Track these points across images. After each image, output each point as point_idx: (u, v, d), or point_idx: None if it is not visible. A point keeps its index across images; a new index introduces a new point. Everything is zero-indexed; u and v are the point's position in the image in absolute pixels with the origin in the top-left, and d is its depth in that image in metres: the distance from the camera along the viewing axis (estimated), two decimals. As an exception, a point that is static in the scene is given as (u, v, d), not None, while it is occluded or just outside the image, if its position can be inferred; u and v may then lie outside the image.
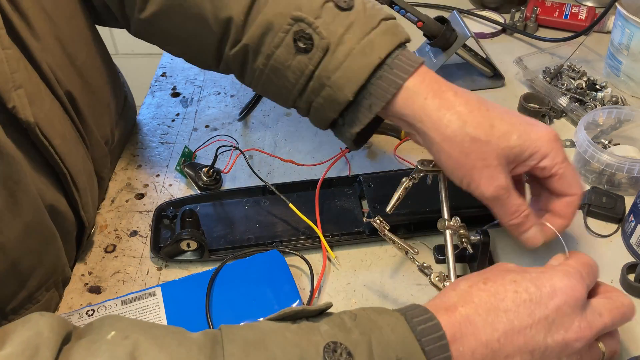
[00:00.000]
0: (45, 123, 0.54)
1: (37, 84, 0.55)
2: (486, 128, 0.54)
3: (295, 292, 0.57)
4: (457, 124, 0.54)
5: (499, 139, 0.54)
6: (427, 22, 0.82)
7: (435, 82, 0.56)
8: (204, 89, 0.91)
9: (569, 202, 0.58)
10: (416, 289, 0.63)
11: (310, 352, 0.41)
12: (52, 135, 0.55)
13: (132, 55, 1.71)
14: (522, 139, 0.55)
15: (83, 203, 0.62)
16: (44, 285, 0.58)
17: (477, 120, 0.54)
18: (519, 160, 0.56)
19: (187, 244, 0.64)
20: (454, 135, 0.54)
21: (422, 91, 0.55)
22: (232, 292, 0.58)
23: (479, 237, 0.59)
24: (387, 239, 0.58)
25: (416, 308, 0.46)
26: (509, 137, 0.54)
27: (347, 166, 0.77)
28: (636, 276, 0.62)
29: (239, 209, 0.70)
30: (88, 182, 0.64)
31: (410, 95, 0.55)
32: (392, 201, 0.60)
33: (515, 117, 0.56)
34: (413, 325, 0.44)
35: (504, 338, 0.45)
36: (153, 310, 0.56)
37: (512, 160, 0.55)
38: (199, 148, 0.78)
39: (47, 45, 0.57)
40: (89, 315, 0.56)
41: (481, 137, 0.54)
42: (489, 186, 0.55)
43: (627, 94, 0.87)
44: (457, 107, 0.54)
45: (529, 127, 0.55)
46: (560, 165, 0.56)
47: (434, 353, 0.43)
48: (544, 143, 0.55)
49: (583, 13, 1.00)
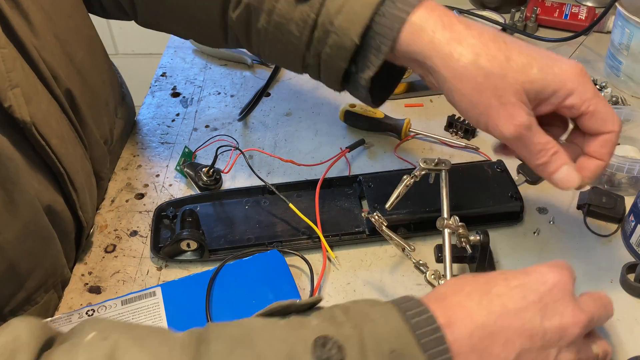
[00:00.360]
0: (42, 123, 0.54)
1: (34, 84, 0.55)
2: (502, 61, 0.49)
3: (295, 292, 0.57)
4: (469, 57, 0.49)
5: (517, 72, 0.49)
6: (427, 22, 0.82)
7: (445, 14, 0.52)
8: (204, 89, 0.91)
9: (605, 140, 0.52)
10: (416, 288, 0.63)
11: (298, 347, 0.40)
12: (49, 135, 0.55)
13: (132, 55, 1.71)
14: (543, 72, 0.49)
15: (81, 203, 0.62)
16: (42, 287, 0.58)
17: (491, 53, 0.49)
18: (541, 98, 0.50)
19: (187, 244, 0.64)
20: (466, 70, 0.50)
21: (429, 25, 0.51)
22: (232, 292, 0.58)
23: (478, 237, 0.59)
24: (385, 235, 0.58)
25: (410, 300, 0.45)
26: (529, 71, 0.49)
27: (347, 166, 0.77)
28: (636, 276, 0.62)
29: (239, 209, 0.70)
30: (86, 182, 0.64)
31: (417, 30, 0.51)
32: (392, 198, 0.60)
33: (536, 51, 0.51)
34: (407, 318, 0.42)
35: (501, 320, 0.44)
36: (153, 310, 0.56)
37: (533, 97, 0.50)
38: (199, 148, 0.78)
39: (46, 43, 0.57)
40: (89, 315, 0.56)
41: (496, 70, 0.49)
42: (509, 125, 0.50)
43: (627, 94, 0.87)
44: (469, 40, 0.50)
45: (551, 61, 0.50)
46: (590, 102, 0.50)
47: (430, 346, 0.41)
48: (569, 77, 0.49)
49: (583, 13, 1.00)
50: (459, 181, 0.69)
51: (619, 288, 0.63)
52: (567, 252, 0.66)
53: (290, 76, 0.92)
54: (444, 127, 0.82)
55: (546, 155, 0.51)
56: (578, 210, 0.71)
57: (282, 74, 0.93)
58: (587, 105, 0.50)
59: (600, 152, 0.52)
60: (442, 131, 0.82)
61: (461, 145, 0.79)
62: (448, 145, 0.79)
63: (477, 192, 0.68)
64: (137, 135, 0.83)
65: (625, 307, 0.61)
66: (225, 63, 0.96)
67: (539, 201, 0.72)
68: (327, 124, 0.84)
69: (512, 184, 0.69)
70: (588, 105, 0.50)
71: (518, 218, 0.68)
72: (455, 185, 0.63)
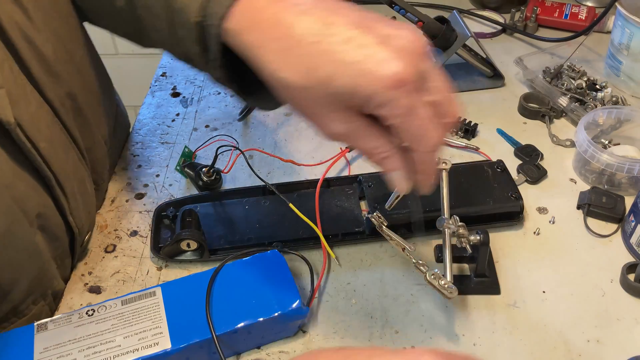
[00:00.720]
0: (29, 125, 0.53)
1: (23, 86, 0.54)
2: (303, 72, 0.43)
3: (295, 292, 0.57)
4: (270, 68, 0.45)
5: (321, 83, 0.43)
6: (427, 22, 0.82)
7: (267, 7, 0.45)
8: (204, 88, 0.91)
9: (418, 157, 0.47)
10: (416, 288, 0.63)
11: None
12: (37, 138, 0.54)
13: (132, 55, 1.71)
14: (351, 82, 0.42)
15: (72, 209, 0.61)
16: (29, 298, 0.57)
17: (294, 61, 0.44)
18: (354, 104, 0.44)
19: (187, 244, 0.64)
20: (272, 80, 0.45)
21: (249, 22, 0.46)
22: (232, 292, 0.58)
23: (478, 237, 0.59)
24: (385, 234, 0.58)
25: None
26: (333, 81, 0.43)
27: (347, 166, 0.77)
28: (636, 276, 0.62)
29: (239, 209, 0.70)
30: (79, 188, 0.63)
31: (241, 26, 0.46)
32: (392, 198, 0.60)
33: (362, 47, 0.42)
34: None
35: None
36: (153, 310, 0.56)
37: (348, 104, 0.44)
38: (199, 148, 0.78)
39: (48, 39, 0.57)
40: (89, 315, 0.56)
41: (298, 83, 0.44)
42: (327, 133, 0.47)
43: (627, 94, 0.87)
44: (278, 43, 0.44)
45: (368, 65, 0.42)
46: (402, 119, 0.43)
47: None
48: (378, 90, 0.42)
49: (583, 13, 1.00)
50: (459, 181, 0.69)
51: (619, 288, 0.63)
52: (567, 252, 0.66)
53: (290, 76, 0.92)
54: (444, 127, 0.82)
55: (376, 158, 0.47)
56: (578, 210, 0.71)
57: (282, 74, 0.93)
58: (397, 121, 0.44)
59: (420, 167, 0.48)
60: (442, 131, 0.82)
61: (461, 145, 0.79)
62: (448, 145, 0.79)
63: (477, 192, 0.68)
64: (137, 135, 0.83)
65: (625, 307, 0.61)
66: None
67: (539, 201, 0.72)
68: (327, 124, 0.84)
69: (512, 184, 0.69)
70: (399, 122, 0.44)
71: (518, 218, 0.68)
72: (455, 185, 0.63)
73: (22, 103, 0.53)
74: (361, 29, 0.43)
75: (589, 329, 0.59)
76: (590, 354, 0.57)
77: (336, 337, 0.59)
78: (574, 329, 0.59)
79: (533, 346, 0.58)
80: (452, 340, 0.58)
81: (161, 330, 0.54)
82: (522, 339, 0.58)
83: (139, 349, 0.53)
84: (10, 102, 0.51)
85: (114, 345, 0.53)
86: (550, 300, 0.62)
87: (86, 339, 0.53)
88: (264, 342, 0.58)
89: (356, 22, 0.43)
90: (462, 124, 0.80)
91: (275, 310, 0.55)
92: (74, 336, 0.54)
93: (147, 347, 0.53)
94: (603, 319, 0.60)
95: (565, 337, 0.59)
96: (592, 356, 0.57)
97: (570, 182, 0.75)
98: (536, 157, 0.76)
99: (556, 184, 0.74)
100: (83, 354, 0.52)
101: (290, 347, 0.58)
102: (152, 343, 0.53)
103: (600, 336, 0.59)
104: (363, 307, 0.61)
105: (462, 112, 0.84)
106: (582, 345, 0.58)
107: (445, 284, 0.55)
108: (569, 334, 0.59)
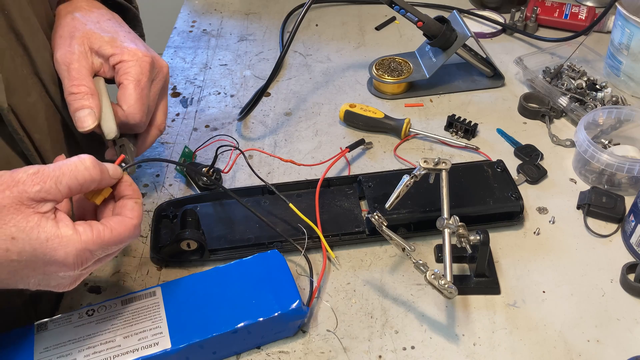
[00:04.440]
0: (24, 114, 0.54)
1: (24, 76, 0.55)
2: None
3: (295, 292, 0.57)
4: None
5: None
6: (427, 22, 0.82)
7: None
8: (204, 89, 0.91)
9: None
10: (416, 288, 0.63)
11: None
12: (32, 128, 0.55)
13: (132, 55, 1.71)
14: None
15: None
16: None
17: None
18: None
19: (187, 244, 0.64)
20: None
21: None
22: (232, 292, 0.58)
23: (478, 237, 0.59)
24: (385, 235, 0.58)
25: None
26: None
27: (347, 166, 0.77)
28: (636, 276, 0.62)
29: (239, 209, 0.70)
30: None
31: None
32: (392, 198, 0.60)
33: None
34: None
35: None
36: (153, 310, 0.56)
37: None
38: (199, 148, 0.78)
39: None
40: (89, 315, 0.56)
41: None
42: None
43: (627, 94, 0.87)
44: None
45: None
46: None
47: None
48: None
49: (583, 13, 1.00)
50: (459, 181, 0.69)
51: (619, 288, 0.63)
52: (567, 252, 0.66)
53: (290, 76, 0.92)
54: (444, 127, 0.82)
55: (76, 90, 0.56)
56: (578, 210, 0.71)
57: (282, 74, 0.93)
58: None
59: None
60: (442, 131, 0.82)
61: (461, 145, 0.79)
62: (448, 145, 0.79)
63: (477, 192, 0.68)
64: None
65: (625, 307, 0.61)
66: (225, 63, 0.96)
67: (539, 201, 0.72)
68: (327, 124, 0.84)
69: (512, 184, 0.69)
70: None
71: (518, 218, 0.68)
72: (455, 185, 0.63)
73: (21, 91, 0.54)
74: None
75: (589, 328, 0.59)
76: (590, 354, 0.57)
77: (336, 337, 0.59)
78: (574, 329, 0.59)
79: (533, 346, 0.58)
80: (452, 340, 0.58)
81: (161, 330, 0.54)
82: (522, 338, 0.58)
83: (139, 349, 0.53)
84: (8, 90, 0.51)
85: (114, 345, 0.53)
86: (550, 300, 0.62)
87: (86, 339, 0.53)
88: (264, 342, 0.58)
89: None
90: (462, 124, 0.80)
91: (275, 310, 0.55)
92: (74, 336, 0.54)
93: (147, 347, 0.53)
94: (603, 319, 0.60)
95: (565, 337, 0.59)
96: (592, 356, 0.57)
97: (570, 182, 0.75)
98: (536, 157, 0.76)
99: (556, 184, 0.74)
100: (83, 354, 0.52)
101: (290, 347, 0.58)
102: (152, 343, 0.53)
103: (600, 336, 0.59)
104: (363, 307, 0.61)
105: (462, 112, 0.84)
106: (582, 345, 0.58)
107: (445, 284, 0.55)
108: (569, 334, 0.59)
